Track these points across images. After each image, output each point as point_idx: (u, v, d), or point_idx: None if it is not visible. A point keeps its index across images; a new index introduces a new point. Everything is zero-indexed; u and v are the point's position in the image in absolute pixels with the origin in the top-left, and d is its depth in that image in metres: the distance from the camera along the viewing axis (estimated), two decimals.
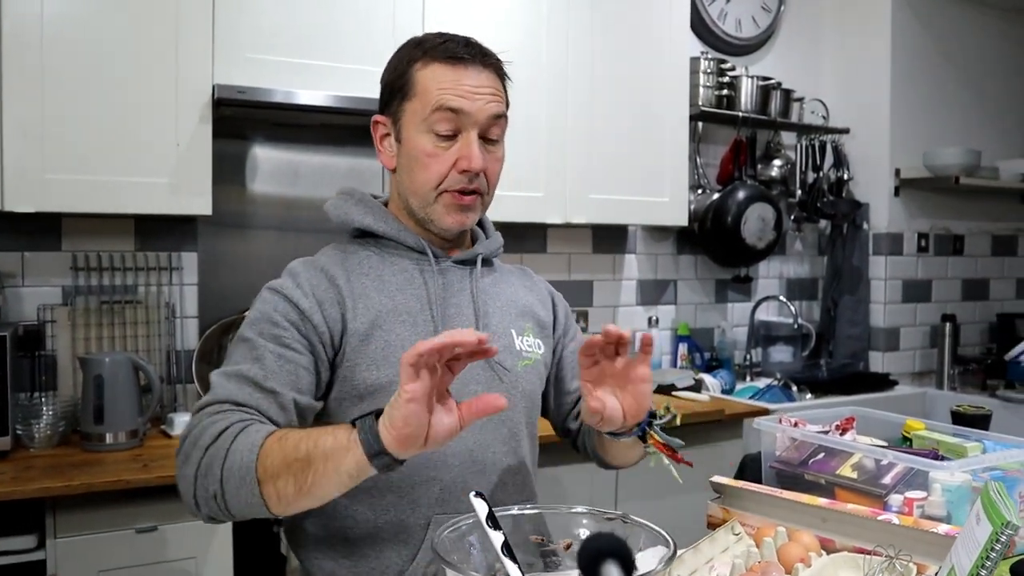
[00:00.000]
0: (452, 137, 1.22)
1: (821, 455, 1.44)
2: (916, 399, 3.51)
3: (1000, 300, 4.18)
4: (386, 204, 1.35)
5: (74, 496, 1.86)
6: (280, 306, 1.19)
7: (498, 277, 1.39)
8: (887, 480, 1.32)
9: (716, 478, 1.39)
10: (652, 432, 1.20)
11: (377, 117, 1.30)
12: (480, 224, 1.41)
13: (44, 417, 2.15)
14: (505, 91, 1.28)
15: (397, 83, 1.25)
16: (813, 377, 3.52)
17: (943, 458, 1.37)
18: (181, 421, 2.27)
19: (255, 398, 1.12)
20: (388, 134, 1.28)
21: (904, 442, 1.53)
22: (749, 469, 1.73)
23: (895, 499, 1.29)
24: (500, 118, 1.25)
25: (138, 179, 2.16)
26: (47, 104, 2.06)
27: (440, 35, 1.26)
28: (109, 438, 2.14)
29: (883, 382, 3.54)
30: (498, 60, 1.27)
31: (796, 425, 1.52)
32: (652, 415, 1.19)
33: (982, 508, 0.88)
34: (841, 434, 1.50)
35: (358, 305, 1.22)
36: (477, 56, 1.23)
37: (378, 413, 0.95)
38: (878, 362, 3.75)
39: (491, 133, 1.25)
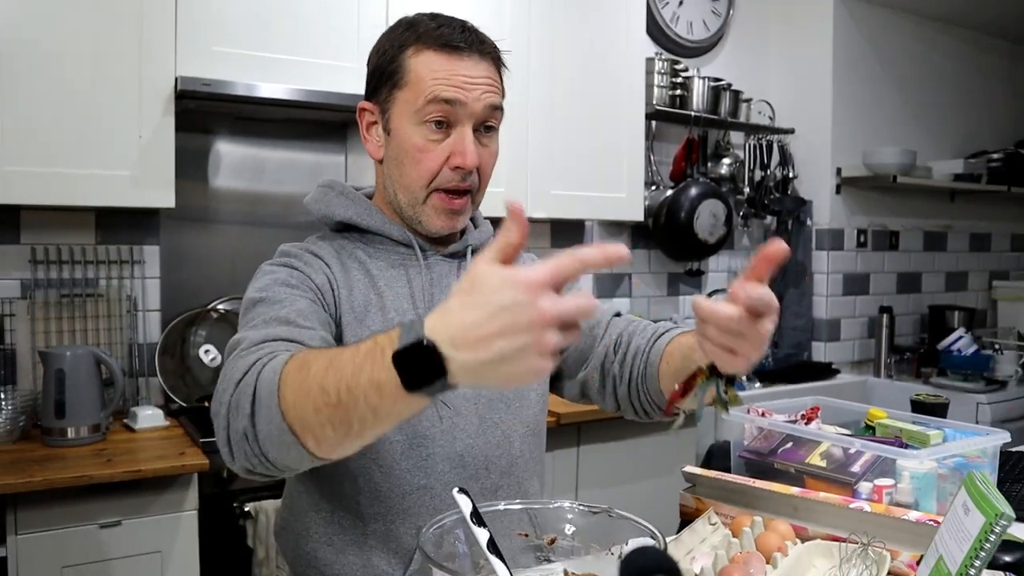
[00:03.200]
0: (445, 130, 1.12)
1: (789, 444, 1.41)
2: (857, 387, 3.54)
3: (931, 292, 4.25)
4: (369, 197, 1.25)
5: (35, 492, 1.76)
6: (284, 272, 1.10)
7: None
8: (856, 468, 1.30)
9: (688, 468, 1.34)
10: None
11: (364, 104, 1.19)
12: None
13: (3, 412, 2.04)
14: (502, 81, 1.18)
15: (387, 68, 1.14)
16: (761, 367, 3.52)
17: (907, 446, 1.36)
18: (144, 415, 2.18)
19: (291, 332, 0.98)
20: (375, 122, 1.17)
21: (867, 430, 1.51)
22: (716, 457, 1.71)
23: (864, 487, 1.27)
24: (497, 110, 1.15)
25: (99, 171, 2.06)
26: (4, 95, 1.95)
27: (434, 17, 1.15)
28: (71, 433, 2.03)
29: (826, 371, 3.57)
30: (496, 48, 1.18)
31: (763, 415, 1.49)
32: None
33: (969, 498, 0.85)
34: (807, 423, 1.48)
35: (353, 295, 1.13)
36: (474, 44, 1.13)
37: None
38: (820, 352, 3.78)
39: (490, 121, 1.15)
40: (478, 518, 0.88)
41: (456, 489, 0.90)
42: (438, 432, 1.13)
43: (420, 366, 0.67)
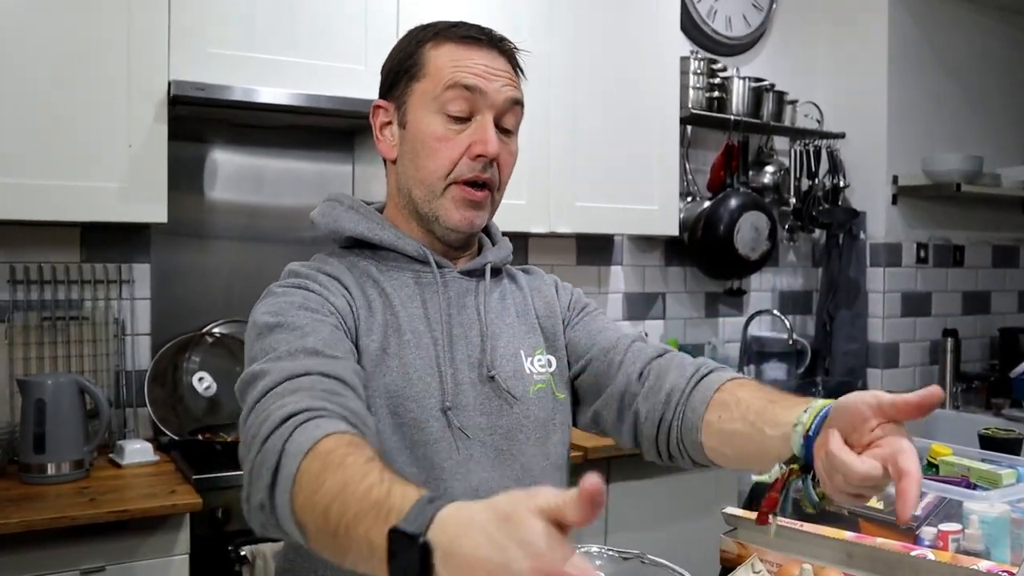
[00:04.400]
0: (465, 120, 1.16)
1: None
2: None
3: (1002, 314, 4.19)
4: (379, 211, 1.27)
5: (11, 535, 1.75)
6: (300, 295, 1.10)
7: (506, 288, 1.31)
8: (917, 511, 1.27)
9: (730, 509, 1.33)
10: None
11: (378, 102, 1.24)
12: (486, 231, 1.33)
13: None
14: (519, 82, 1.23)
15: (404, 64, 1.20)
16: (809, 396, 3.49)
17: (975, 486, 1.33)
18: (132, 449, 2.19)
19: (322, 364, 0.98)
20: (389, 122, 1.22)
21: (929, 469, 1.49)
22: (760, 498, 1.68)
23: (927, 532, 1.24)
24: (517, 105, 1.21)
25: (85, 183, 2.08)
26: None
27: (450, 21, 1.22)
28: (51, 469, 2.04)
29: None
30: (513, 47, 1.24)
31: None
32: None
33: None
34: None
35: (373, 316, 1.15)
36: (494, 40, 1.20)
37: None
38: (877, 380, 3.74)
39: (506, 121, 1.20)
40: None
41: None
42: (453, 464, 1.14)
43: (407, 555, 0.67)
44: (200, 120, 2.47)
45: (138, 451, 2.20)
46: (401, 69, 1.20)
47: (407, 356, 1.14)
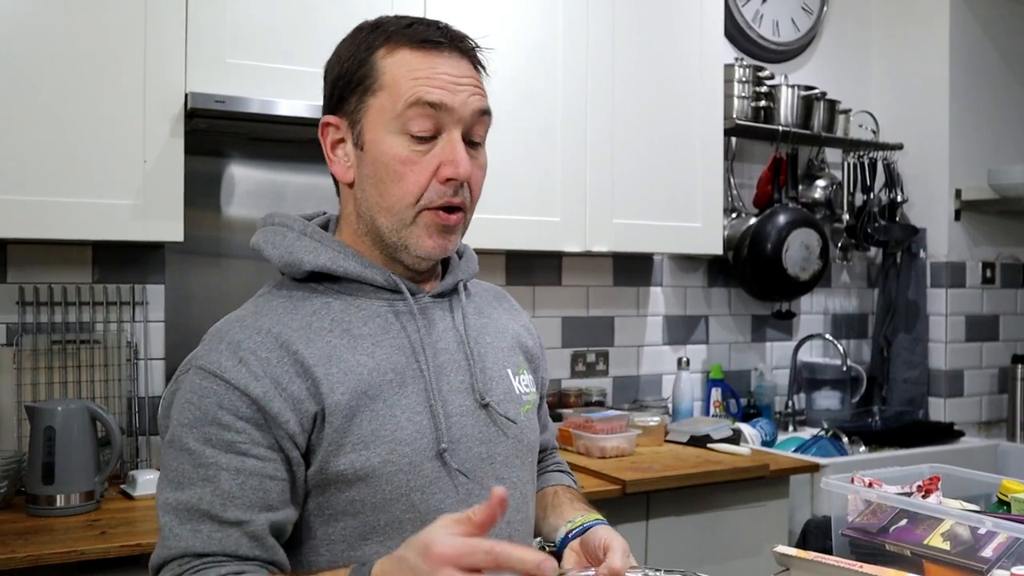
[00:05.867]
0: (430, 140, 1.12)
1: (904, 521, 1.38)
2: (986, 453, 3.43)
3: None
4: (323, 227, 1.25)
5: (18, 571, 1.77)
6: (225, 399, 1.05)
7: (479, 304, 1.31)
8: (987, 553, 1.25)
9: (781, 548, 1.31)
10: None
11: (327, 118, 1.19)
12: None
13: None
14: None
15: (356, 75, 1.15)
16: (865, 427, 3.46)
17: None
18: (145, 480, 2.21)
19: (217, 540, 1.02)
20: (341, 139, 1.18)
21: (1000, 507, 1.46)
22: (814, 536, 1.67)
23: None
24: (485, 115, 1.16)
25: (98, 200, 2.11)
26: None
27: (399, 17, 1.17)
28: (60, 501, 2.06)
29: (947, 433, 3.47)
30: (474, 46, 1.18)
31: (871, 485, 1.45)
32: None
33: None
34: (925, 496, 1.44)
35: (332, 373, 1.09)
36: (454, 40, 1.15)
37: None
38: (939, 410, 3.69)
39: (475, 134, 1.16)
40: None
41: (537, 541, 1.00)
42: (453, 503, 1.14)
43: None
44: (217, 134, 2.50)
45: (151, 482, 2.21)
46: (352, 80, 1.15)
47: (391, 397, 1.12)
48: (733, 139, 3.37)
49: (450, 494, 1.14)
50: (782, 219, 3.32)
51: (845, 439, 3.24)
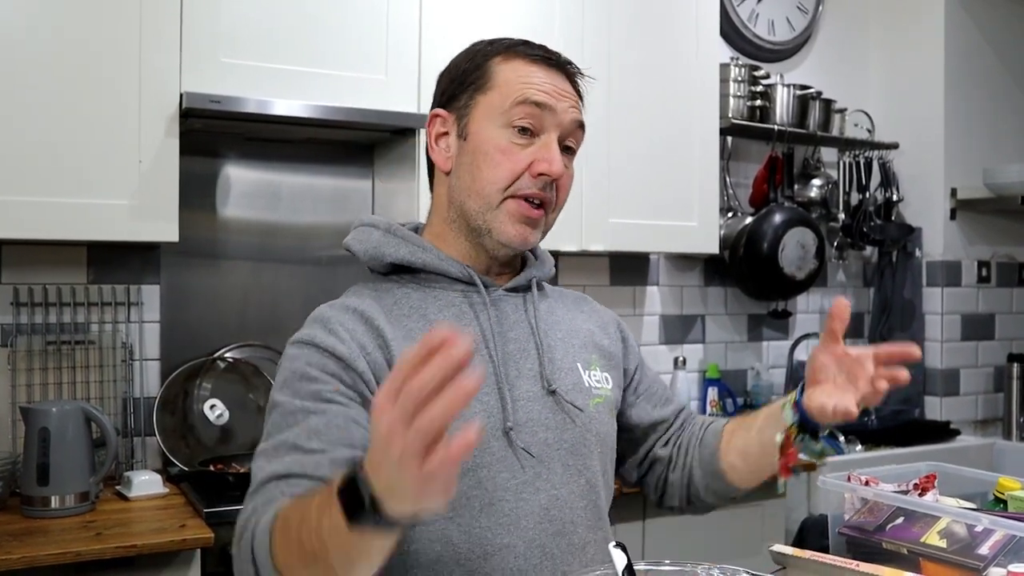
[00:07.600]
0: (531, 137, 1.21)
1: (900, 519, 1.37)
2: (982, 451, 3.44)
3: None
4: (415, 229, 1.31)
5: (13, 572, 1.77)
6: (313, 358, 1.13)
7: (553, 304, 1.36)
8: (984, 550, 1.25)
9: (777, 547, 1.31)
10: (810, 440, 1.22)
11: (436, 111, 1.28)
12: None
13: None
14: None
15: (470, 75, 1.24)
16: (862, 426, 3.46)
17: None
18: (139, 480, 2.20)
19: (299, 463, 1.05)
20: (446, 132, 1.26)
21: (997, 504, 1.47)
22: (810, 534, 1.67)
23: (996, 573, 1.22)
24: (581, 128, 1.26)
25: (92, 201, 2.11)
26: None
27: (516, 38, 1.28)
28: (55, 502, 2.06)
29: (943, 432, 3.48)
30: (578, 71, 1.29)
31: (868, 484, 1.45)
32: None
33: None
34: (921, 494, 1.44)
35: (405, 350, 1.15)
36: (561, 63, 1.26)
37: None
38: (935, 409, 3.69)
39: (570, 142, 1.25)
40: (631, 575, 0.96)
41: (612, 543, 0.99)
42: (519, 483, 1.18)
43: (355, 497, 0.79)
44: (213, 134, 2.50)
45: (146, 483, 2.21)
46: (466, 80, 1.24)
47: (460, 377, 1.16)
48: (729, 138, 3.37)
49: (516, 473, 1.17)
50: (778, 218, 3.32)
51: (842, 438, 3.24)
